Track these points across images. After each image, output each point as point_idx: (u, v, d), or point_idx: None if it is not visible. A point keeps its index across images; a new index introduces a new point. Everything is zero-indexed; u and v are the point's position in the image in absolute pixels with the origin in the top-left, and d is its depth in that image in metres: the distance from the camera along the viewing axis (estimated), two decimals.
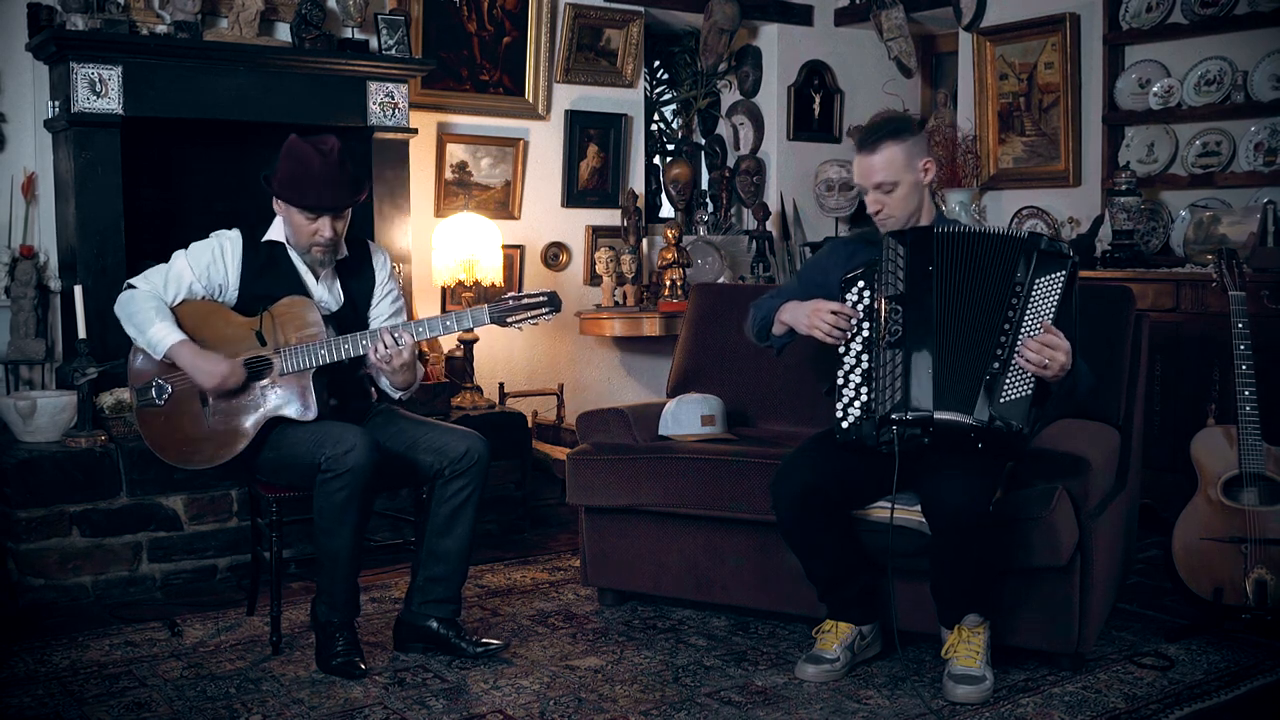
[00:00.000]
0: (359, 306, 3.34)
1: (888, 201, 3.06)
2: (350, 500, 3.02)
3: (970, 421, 2.85)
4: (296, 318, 3.16)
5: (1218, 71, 4.89)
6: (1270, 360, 3.93)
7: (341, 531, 3.06)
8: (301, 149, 3.15)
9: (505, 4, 5.31)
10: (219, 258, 3.23)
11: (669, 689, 3.00)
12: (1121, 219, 4.87)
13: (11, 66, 4.30)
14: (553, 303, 3.16)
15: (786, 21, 6.13)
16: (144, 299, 3.17)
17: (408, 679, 3.07)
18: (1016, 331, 2.86)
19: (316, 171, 3.12)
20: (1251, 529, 3.29)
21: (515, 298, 3.16)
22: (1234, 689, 2.99)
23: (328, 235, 3.17)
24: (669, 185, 6.07)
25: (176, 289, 3.20)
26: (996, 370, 2.86)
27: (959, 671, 2.92)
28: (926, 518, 2.92)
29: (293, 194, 3.14)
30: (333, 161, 3.14)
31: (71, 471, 3.77)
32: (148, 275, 3.23)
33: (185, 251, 3.25)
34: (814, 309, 3.03)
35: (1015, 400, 2.84)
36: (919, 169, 3.07)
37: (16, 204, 4.31)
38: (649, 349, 5.81)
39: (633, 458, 3.52)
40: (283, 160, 3.18)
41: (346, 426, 3.08)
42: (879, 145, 3.04)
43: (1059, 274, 2.88)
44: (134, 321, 3.17)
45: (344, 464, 2.99)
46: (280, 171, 3.17)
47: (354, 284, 3.34)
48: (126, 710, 2.87)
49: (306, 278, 3.26)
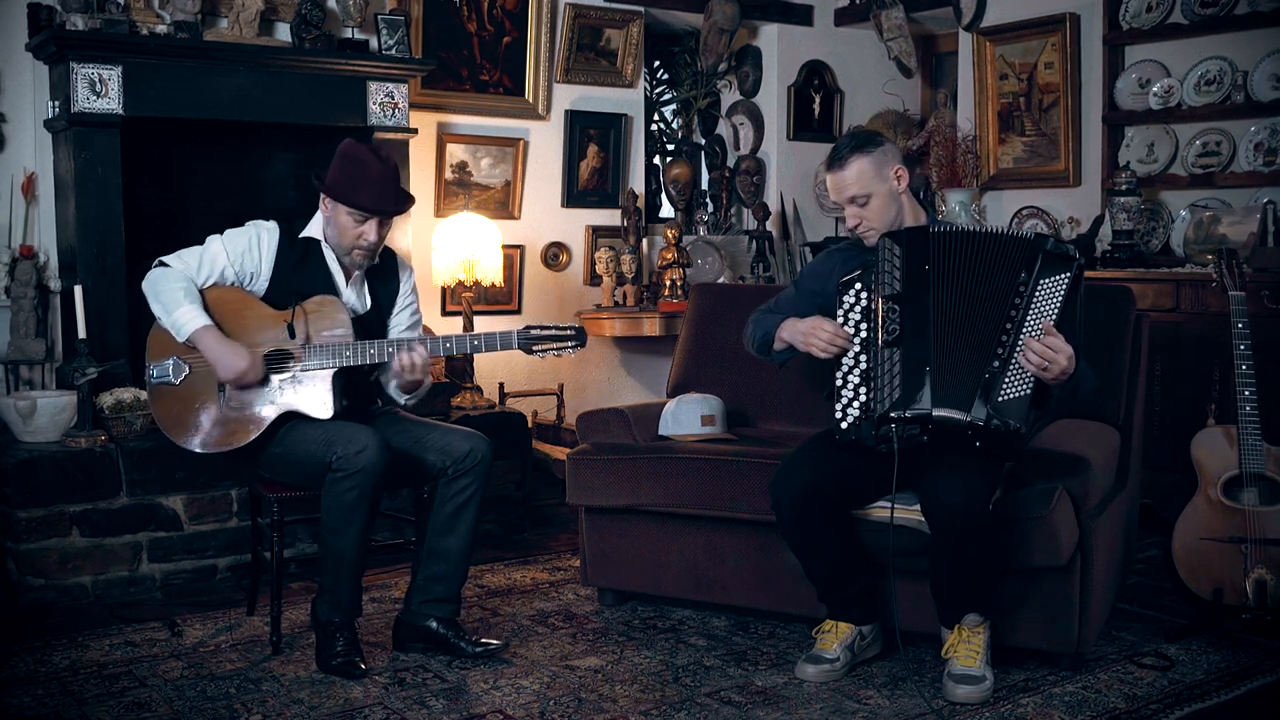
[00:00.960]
0: (384, 313, 3.36)
1: (865, 214, 3.09)
2: (360, 500, 3.02)
3: (968, 420, 2.85)
4: (326, 316, 3.17)
5: (1218, 71, 4.89)
6: (1270, 360, 3.93)
7: (349, 531, 3.06)
8: (360, 151, 3.18)
9: (505, 4, 5.31)
10: (254, 246, 3.22)
11: (669, 689, 3.00)
12: (1121, 219, 4.87)
13: (11, 66, 4.30)
14: (579, 337, 3.20)
15: (786, 21, 6.13)
16: (174, 278, 3.16)
17: (408, 679, 3.07)
18: (1018, 331, 2.86)
19: (374, 174, 3.15)
20: (1251, 529, 3.29)
21: (544, 327, 3.19)
22: (1234, 689, 2.99)
23: (372, 239, 3.18)
24: (669, 185, 6.07)
25: (209, 272, 3.19)
26: (996, 369, 2.86)
27: (959, 671, 2.92)
28: (925, 517, 2.92)
29: (348, 193, 3.14)
30: (391, 167, 3.20)
31: (71, 471, 3.77)
32: (181, 255, 3.21)
33: (221, 236, 3.24)
34: (810, 329, 3.04)
35: (1013, 400, 2.85)
36: (891, 177, 3.09)
37: (16, 204, 4.31)
38: (649, 349, 5.81)
39: (633, 458, 3.52)
40: (338, 160, 3.19)
41: (358, 426, 3.09)
42: (847, 160, 3.08)
43: (1064, 275, 2.87)
44: (161, 300, 3.15)
45: (356, 464, 2.99)
46: (335, 171, 3.18)
47: (381, 291, 3.36)
48: (126, 710, 2.87)
49: (338, 278, 3.27)
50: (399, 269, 3.42)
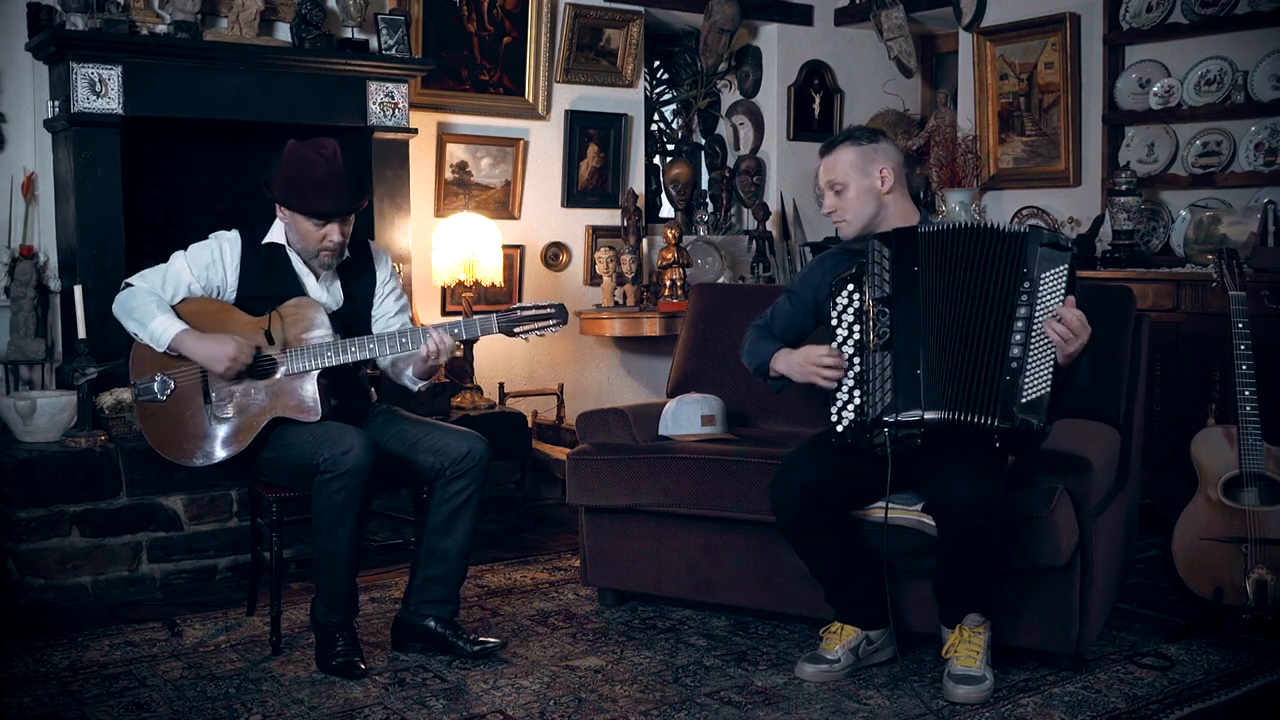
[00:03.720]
0: (359, 307, 3.34)
1: (839, 203, 3.11)
2: (349, 501, 3.02)
3: (992, 424, 2.81)
4: (304, 319, 3.16)
5: (1218, 71, 4.89)
6: (1270, 360, 3.93)
7: (340, 532, 3.05)
8: (302, 153, 3.13)
9: (505, 4, 5.31)
10: (218, 259, 3.22)
11: (669, 689, 3.00)
12: (1122, 219, 4.87)
13: (11, 66, 4.30)
14: (559, 314, 3.17)
15: (786, 21, 6.13)
16: (142, 295, 3.17)
17: (408, 679, 3.07)
18: (1029, 327, 2.84)
19: (321, 177, 3.11)
20: (1251, 529, 3.29)
21: (523, 308, 3.16)
22: (1234, 689, 2.99)
23: (336, 240, 3.16)
24: (669, 185, 6.07)
25: (175, 288, 3.20)
26: (1015, 370, 2.83)
27: (959, 672, 2.92)
28: (934, 514, 2.92)
29: (298, 201, 3.12)
30: (337, 165, 3.13)
31: (71, 471, 3.77)
32: (144, 274, 3.23)
33: (184, 252, 3.25)
34: (803, 361, 3.03)
35: (1036, 399, 2.81)
36: (875, 175, 3.08)
37: (16, 204, 4.31)
38: (649, 349, 5.81)
39: (633, 458, 3.52)
40: (284, 166, 3.15)
41: (345, 428, 3.08)
42: (836, 147, 3.12)
43: (1062, 267, 2.87)
44: (134, 317, 3.15)
45: (342, 465, 2.99)
46: (282, 178, 3.15)
47: (354, 284, 3.34)
48: (126, 710, 2.87)
49: (306, 279, 3.26)
50: (374, 258, 3.39)
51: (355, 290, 3.34)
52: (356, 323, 3.30)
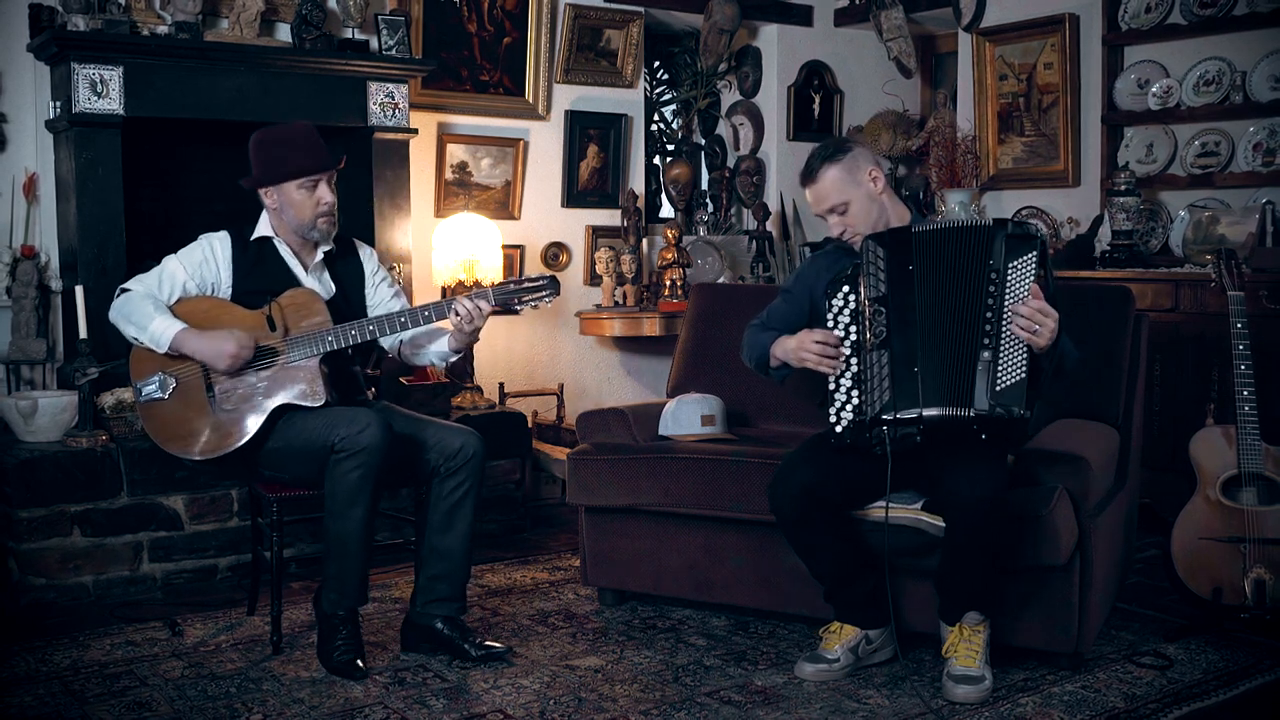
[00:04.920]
0: (350, 294, 3.39)
1: (847, 221, 3.12)
2: (364, 481, 3.03)
3: (970, 414, 2.85)
4: (304, 308, 3.20)
5: (1216, 72, 4.90)
6: (1269, 360, 3.94)
7: (354, 514, 3.06)
8: (272, 131, 3.26)
9: (505, 4, 5.31)
10: (210, 257, 3.26)
11: (669, 689, 3.01)
12: (1121, 219, 4.88)
13: (13, 67, 4.30)
14: (552, 286, 3.22)
15: (786, 22, 6.13)
16: (139, 299, 3.18)
17: (408, 679, 3.07)
18: (999, 315, 2.86)
19: (293, 138, 3.21)
20: (1250, 529, 3.29)
21: (516, 281, 3.23)
22: (1233, 688, 3.00)
23: (329, 199, 3.23)
24: (669, 185, 6.08)
25: (170, 287, 3.22)
26: (988, 359, 2.85)
27: (958, 671, 2.93)
28: (942, 511, 2.93)
29: (280, 168, 3.19)
30: (304, 128, 3.25)
31: (72, 471, 3.78)
32: (140, 278, 3.25)
33: (176, 254, 3.28)
34: (799, 344, 3.04)
35: (1011, 386, 2.83)
36: (866, 181, 3.10)
37: (18, 204, 4.31)
38: (649, 349, 5.82)
39: (633, 458, 3.53)
40: (257, 150, 3.24)
41: (358, 409, 3.12)
42: (818, 172, 3.11)
43: (1030, 254, 2.88)
44: (133, 320, 3.17)
45: (359, 442, 3.00)
46: (257, 162, 3.24)
47: (342, 274, 3.39)
48: (127, 710, 2.88)
49: (296, 270, 3.30)
50: (357, 249, 3.47)
51: (345, 279, 3.39)
52: (348, 310, 3.33)
